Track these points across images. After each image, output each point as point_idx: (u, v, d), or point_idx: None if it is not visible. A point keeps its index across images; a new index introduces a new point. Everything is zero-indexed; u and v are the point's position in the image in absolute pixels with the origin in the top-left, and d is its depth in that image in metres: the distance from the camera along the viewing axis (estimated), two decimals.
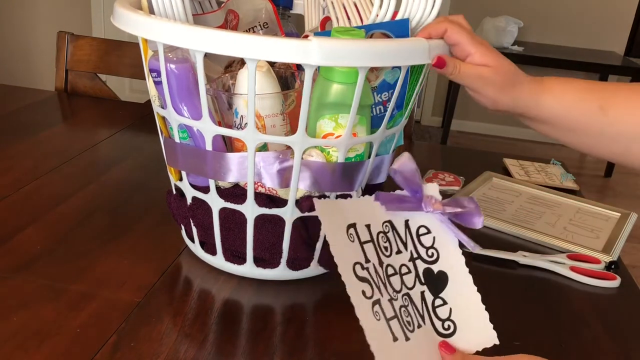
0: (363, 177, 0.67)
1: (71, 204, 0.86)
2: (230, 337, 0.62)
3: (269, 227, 0.67)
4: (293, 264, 0.70)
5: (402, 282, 0.55)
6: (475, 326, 0.57)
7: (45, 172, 0.95)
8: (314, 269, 0.72)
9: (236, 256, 0.70)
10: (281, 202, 0.65)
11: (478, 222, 0.56)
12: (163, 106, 0.65)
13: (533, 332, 0.68)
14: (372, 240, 0.53)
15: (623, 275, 0.80)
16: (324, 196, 0.66)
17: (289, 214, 0.66)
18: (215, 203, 0.67)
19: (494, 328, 0.58)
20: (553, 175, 1.13)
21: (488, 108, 0.67)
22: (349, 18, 0.75)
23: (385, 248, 0.54)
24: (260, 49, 0.54)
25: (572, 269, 0.80)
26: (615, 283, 0.79)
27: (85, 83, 1.44)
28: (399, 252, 0.55)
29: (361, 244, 0.52)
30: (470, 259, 0.74)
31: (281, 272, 0.71)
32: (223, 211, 0.67)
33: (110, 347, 0.59)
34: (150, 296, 0.67)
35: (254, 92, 0.57)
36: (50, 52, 3.48)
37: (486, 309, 0.58)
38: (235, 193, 0.66)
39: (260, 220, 0.66)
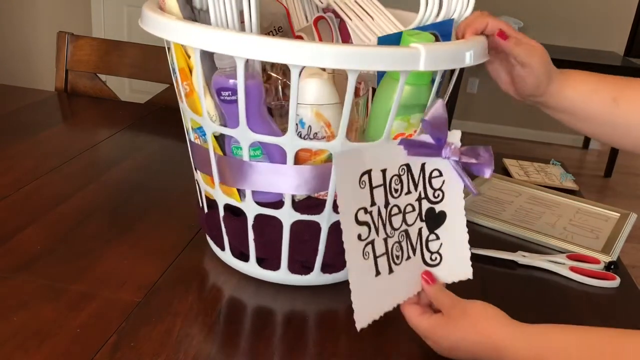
0: None
1: (71, 204, 0.86)
2: (231, 337, 0.62)
3: (340, 232, 0.67)
4: None
5: (404, 220, 0.62)
6: (457, 261, 0.66)
7: (45, 172, 0.95)
8: None
9: (305, 267, 0.70)
10: None
11: (487, 173, 0.62)
12: (227, 125, 0.63)
13: None
14: (383, 184, 0.59)
15: (622, 276, 0.80)
16: None
17: None
18: (288, 217, 0.65)
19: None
20: (553, 176, 1.13)
21: (516, 96, 0.72)
22: (358, 15, 0.75)
23: (396, 190, 0.61)
24: (367, 59, 0.55)
25: (572, 269, 0.80)
26: (614, 283, 0.79)
27: (85, 83, 1.44)
28: (408, 192, 0.62)
29: (371, 188, 0.58)
30: (470, 259, 0.74)
31: (346, 273, 0.71)
32: (295, 224, 0.66)
33: (110, 347, 0.59)
34: (150, 296, 0.67)
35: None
36: (50, 52, 3.47)
37: None
38: (309, 205, 0.66)
39: (333, 227, 0.66)
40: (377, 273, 0.60)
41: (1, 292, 0.65)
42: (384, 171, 0.59)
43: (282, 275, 0.70)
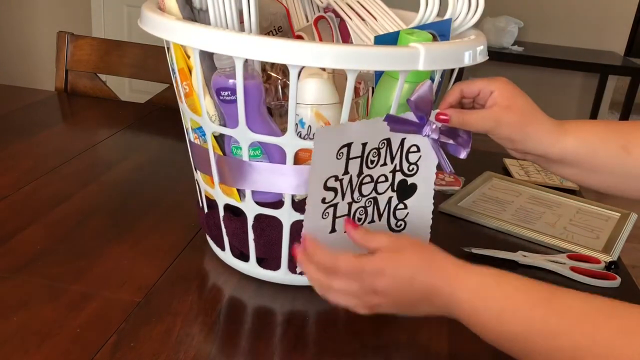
0: None
1: (71, 204, 0.86)
2: (231, 337, 0.62)
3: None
4: None
5: (374, 189, 0.65)
6: (419, 229, 0.70)
7: (45, 172, 0.95)
8: None
9: None
10: None
11: (463, 154, 0.63)
12: (227, 125, 0.63)
13: None
14: (361, 156, 0.61)
15: (623, 275, 0.80)
16: None
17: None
18: (288, 217, 0.65)
19: None
20: (553, 175, 1.13)
21: (514, 154, 0.67)
22: (358, 15, 0.75)
23: (372, 162, 0.63)
24: (366, 59, 0.54)
25: (572, 269, 0.80)
26: (615, 283, 0.79)
27: (85, 83, 1.44)
28: (384, 164, 0.64)
29: (348, 159, 0.60)
30: (471, 259, 0.74)
31: None
32: (295, 224, 0.66)
33: (110, 347, 0.59)
34: (150, 296, 0.67)
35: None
36: (50, 52, 3.47)
37: None
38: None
39: None
40: (333, 230, 0.64)
41: (1, 292, 0.65)
42: (364, 144, 0.61)
43: (282, 275, 0.70)
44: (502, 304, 0.50)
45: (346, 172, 0.61)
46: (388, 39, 0.65)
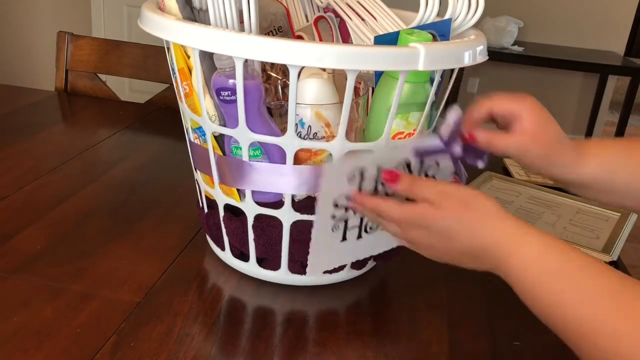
0: None
1: (71, 204, 0.86)
2: (231, 337, 0.62)
3: None
4: (359, 265, 0.72)
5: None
6: None
7: (45, 172, 0.95)
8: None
9: (305, 267, 0.70)
10: None
11: (481, 164, 0.63)
12: (227, 125, 0.63)
13: (533, 332, 0.68)
14: (376, 177, 0.60)
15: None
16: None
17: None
18: (288, 217, 0.65)
19: (493, 329, 0.63)
20: None
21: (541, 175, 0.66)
22: (358, 15, 0.75)
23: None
24: (366, 59, 0.54)
25: None
26: None
27: (85, 83, 1.44)
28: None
29: (361, 181, 0.59)
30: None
31: (346, 273, 0.72)
32: (295, 224, 0.66)
33: (110, 347, 0.59)
34: (150, 296, 0.67)
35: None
36: (50, 52, 3.47)
37: (485, 310, 0.59)
38: (309, 204, 0.65)
39: None
40: (344, 239, 0.63)
41: (1, 292, 0.65)
42: (379, 167, 0.60)
43: (282, 275, 0.70)
44: (563, 285, 0.48)
45: (360, 189, 0.60)
46: (388, 39, 0.65)
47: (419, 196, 0.56)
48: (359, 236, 0.64)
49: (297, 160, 0.63)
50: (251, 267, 0.71)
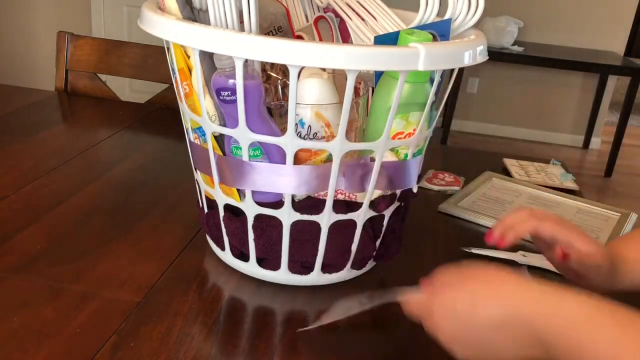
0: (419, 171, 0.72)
1: (71, 204, 0.86)
2: (231, 337, 0.62)
3: (344, 232, 0.68)
4: (359, 264, 0.72)
5: None
6: None
7: (45, 172, 0.95)
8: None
9: (305, 267, 0.70)
10: (355, 206, 0.66)
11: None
12: (227, 125, 0.63)
13: None
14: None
15: None
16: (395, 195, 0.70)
17: (362, 216, 0.67)
18: (288, 217, 0.65)
19: None
20: (553, 176, 1.13)
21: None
22: (358, 15, 0.75)
23: None
24: (365, 59, 0.54)
25: None
26: None
27: (85, 83, 1.44)
28: None
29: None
30: (470, 259, 0.74)
31: (346, 273, 0.72)
32: (295, 224, 0.66)
33: (110, 347, 0.59)
34: (150, 296, 0.67)
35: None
36: (50, 52, 3.47)
37: None
38: (309, 205, 0.66)
39: (333, 227, 0.66)
40: None
41: (1, 292, 0.65)
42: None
43: (282, 275, 0.70)
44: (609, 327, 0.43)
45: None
46: (388, 39, 0.65)
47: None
48: None
49: (297, 160, 0.63)
50: (251, 267, 0.71)
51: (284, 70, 0.72)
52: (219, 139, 0.66)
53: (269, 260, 0.70)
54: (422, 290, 0.54)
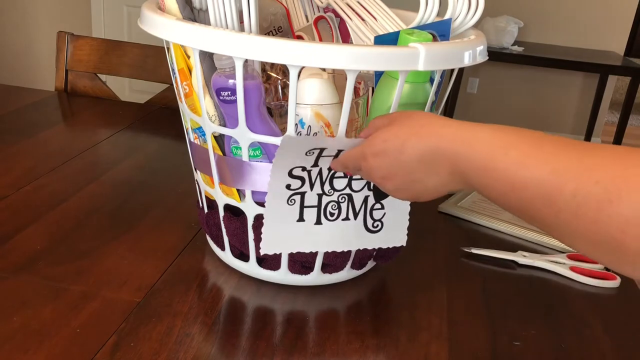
0: None
1: (71, 204, 0.86)
2: (231, 337, 0.62)
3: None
4: (359, 264, 0.72)
5: (349, 185, 0.64)
6: (395, 229, 0.69)
7: (45, 172, 0.95)
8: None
9: (305, 267, 0.70)
10: None
11: None
12: (227, 125, 0.63)
13: (533, 332, 0.68)
14: (335, 156, 0.59)
15: (623, 276, 0.80)
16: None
17: None
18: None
19: (493, 329, 0.62)
20: None
21: None
22: (358, 15, 0.75)
23: None
24: (365, 59, 0.54)
25: (572, 269, 0.80)
26: (615, 283, 0.79)
27: (85, 83, 1.44)
28: None
29: (319, 157, 0.59)
30: (470, 259, 0.74)
31: (346, 273, 0.72)
32: None
33: (110, 347, 0.59)
34: (150, 296, 0.67)
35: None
36: (50, 52, 3.48)
37: (485, 310, 0.59)
38: None
39: None
40: (300, 219, 0.64)
41: (1, 292, 0.65)
42: (340, 149, 0.59)
43: (282, 275, 0.70)
44: (525, 150, 0.43)
45: (315, 164, 0.60)
46: (388, 39, 0.65)
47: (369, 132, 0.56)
48: (318, 221, 0.65)
49: None
50: (251, 267, 0.71)
51: (284, 70, 0.72)
52: (219, 139, 0.66)
53: (269, 260, 0.70)
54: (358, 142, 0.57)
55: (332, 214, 0.65)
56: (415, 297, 0.72)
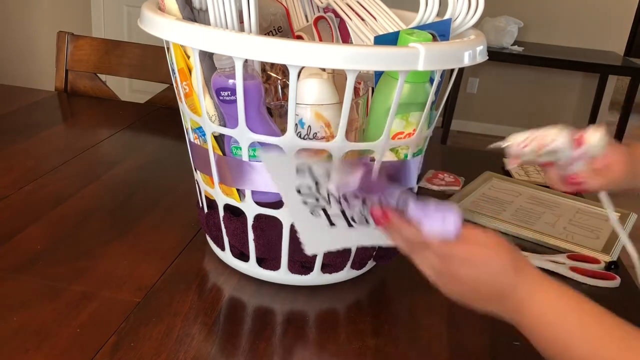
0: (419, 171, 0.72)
1: (71, 204, 0.86)
2: (231, 337, 0.62)
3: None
4: (359, 264, 0.72)
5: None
6: None
7: (45, 172, 0.95)
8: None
9: (305, 267, 0.70)
10: None
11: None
12: (227, 125, 0.63)
13: None
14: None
15: (623, 276, 0.80)
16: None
17: None
18: (288, 217, 0.65)
19: (493, 329, 0.62)
20: None
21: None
22: (358, 15, 0.75)
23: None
24: (365, 59, 0.54)
25: (572, 269, 0.80)
26: (615, 283, 0.79)
27: (85, 83, 1.44)
28: None
29: (311, 175, 0.56)
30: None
31: (346, 273, 0.72)
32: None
33: (110, 347, 0.59)
34: (150, 296, 0.67)
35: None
36: (50, 52, 3.47)
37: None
38: None
39: None
40: (332, 225, 0.59)
41: (1, 292, 0.65)
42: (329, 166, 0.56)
43: (282, 275, 0.70)
44: (575, 325, 0.51)
45: (317, 188, 0.57)
46: (388, 39, 0.65)
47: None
48: (349, 225, 0.62)
49: None
50: (251, 267, 0.71)
51: (284, 70, 0.72)
52: (219, 139, 0.66)
53: (268, 260, 0.70)
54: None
55: (359, 219, 0.61)
56: (415, 297, 0.72)
